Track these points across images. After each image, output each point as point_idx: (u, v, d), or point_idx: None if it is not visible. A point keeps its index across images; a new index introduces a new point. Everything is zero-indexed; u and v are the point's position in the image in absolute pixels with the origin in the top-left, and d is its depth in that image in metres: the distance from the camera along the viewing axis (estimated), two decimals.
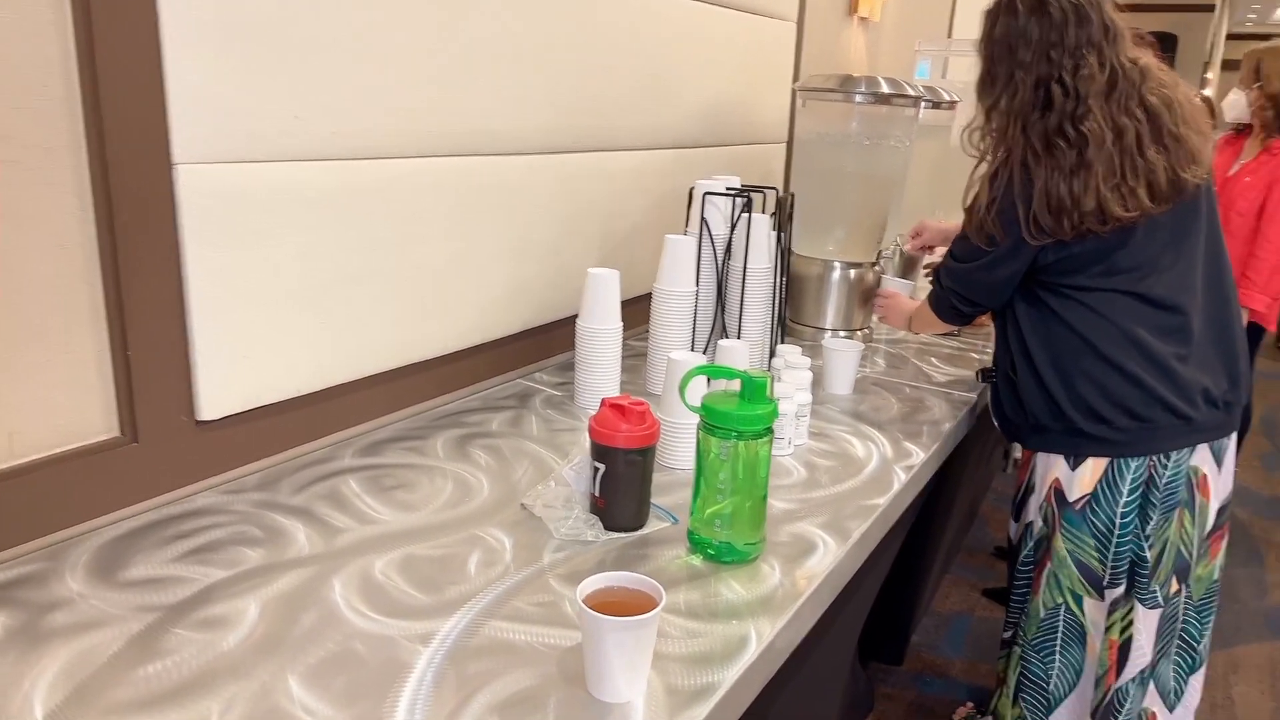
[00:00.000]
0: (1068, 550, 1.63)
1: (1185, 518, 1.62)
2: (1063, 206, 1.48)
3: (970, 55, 1.70)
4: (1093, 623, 1.65)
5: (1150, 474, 1.58)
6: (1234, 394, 1.62)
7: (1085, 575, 1.63)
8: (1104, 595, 1.63)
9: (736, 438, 1.11)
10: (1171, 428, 1.56)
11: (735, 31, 2.29)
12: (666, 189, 2.10)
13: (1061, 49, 1.50)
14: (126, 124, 1.08)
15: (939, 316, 1.80)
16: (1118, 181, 1.48)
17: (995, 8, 1.59)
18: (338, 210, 1.36)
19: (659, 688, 0.90)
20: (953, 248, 1.70)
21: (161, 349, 1.17)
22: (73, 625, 0.94)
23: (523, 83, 1.64)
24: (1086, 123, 1.48)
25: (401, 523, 1.20)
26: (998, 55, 1.57)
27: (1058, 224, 1.49)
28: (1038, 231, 1.51)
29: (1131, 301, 1.54)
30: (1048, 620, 1.69)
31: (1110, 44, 1.52)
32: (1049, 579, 1.67)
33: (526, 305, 1.78)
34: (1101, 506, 1.59)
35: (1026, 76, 1.53)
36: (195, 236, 1.17)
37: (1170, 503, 1.59)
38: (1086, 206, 1.47)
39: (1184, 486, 1.60)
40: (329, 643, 0.94)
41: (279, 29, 1.22)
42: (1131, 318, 1.54)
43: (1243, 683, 2.55)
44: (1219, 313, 1.62)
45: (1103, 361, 1.55)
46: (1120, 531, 1.59)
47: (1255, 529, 3.50)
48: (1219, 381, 1.59)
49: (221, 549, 1.11)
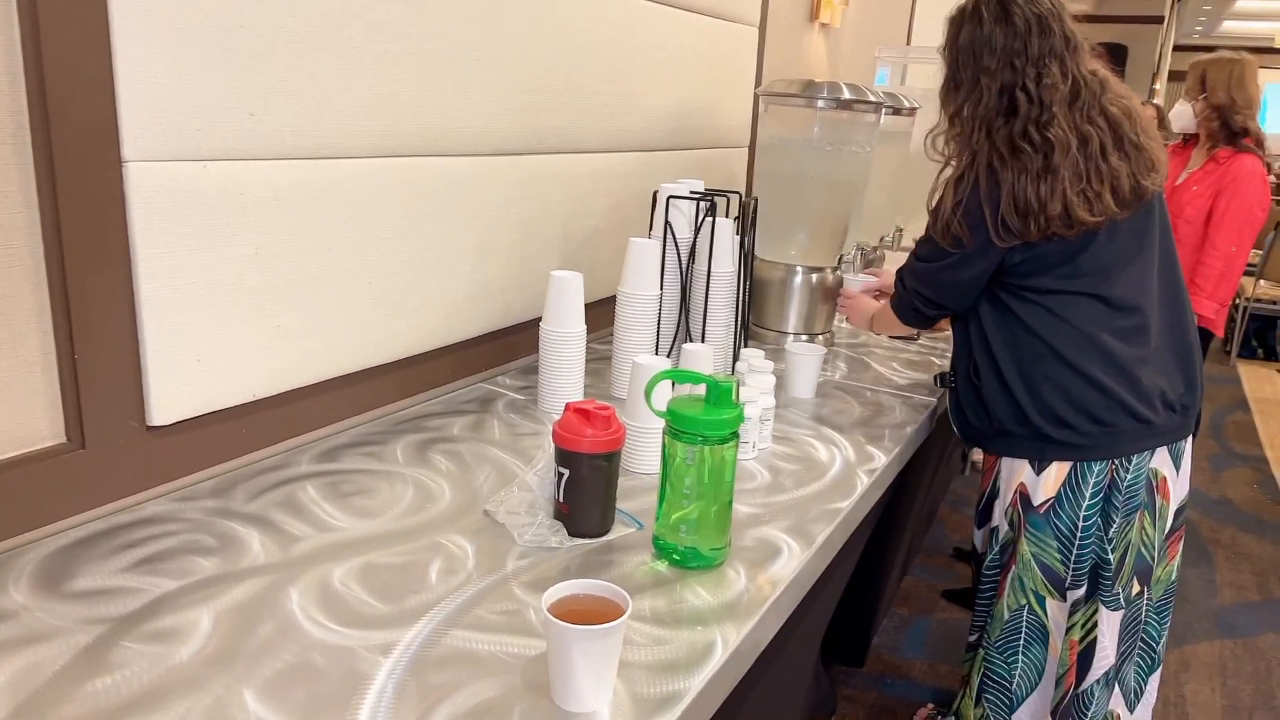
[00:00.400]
0: (1032, 553, 1.65)
1: (1146, 520, 1.65)
2: (1030, 209, 1.50)
3: (930, 62, 1.72)
4: (1055, 623, 1.67)
5: (1112, 477, 1.60)
6: (1190, 397, 1.65)
7: (1048, 577, 1.65)
8: (1065, 596, 1.64)
9: (702, 442, 1.10)
10: (1132, 431, 1.58)
11: (698, 35, 2.28)
12: (630, 192, 2.09)
13: (1025, 58, 1.52)
14: (74, 120, 1.05)
15: (901, 319, 1.80)
16: (1083, 186, 1.50)
17: (960, 15, 1.61)
18: (294, 210, 1.33)
19: (625, 696, 0.89)
20: (917, 249, 1.70)
21: (110, 352, 1.14)
22: (16, 639, 0.91)
23: (484, 82, 1.62)
24: (1052, 129, 1.50)
25: (360, 530, 1.18)
26: (962, 61, 1.59)
27: (1025, 226, 1.51)
28: (1005, 233, 1.52)
29: (1094, 304, 1.56)
30: (1011, 621, 1.70)
31: (1071, 55, 1.54)
32: (1013, 581, 1.69)
33: (489, 308, 1.76)
34: (1065, 509, 1.61)
35: (991, 83, 1.54)
36: (146, 236, 1.13)
37: (1131, 505, 1.62)
38: (1053, 210, 1.49)
39: (1144, 489, 1.63)
40: (286, 654, 0.91)
41: (233, 24, 1.19)
42: (1093, 322, 1.56)
43: (1194, 680, 2.60)
44: (1175, 316, 1.65)
45: (1066, 366, 1.56)
46: (1083, 534, 1.61)
47: (1204, 529, 3.57)
48: (1175, 385, 1.62)
49: (173, 558, 1.08)
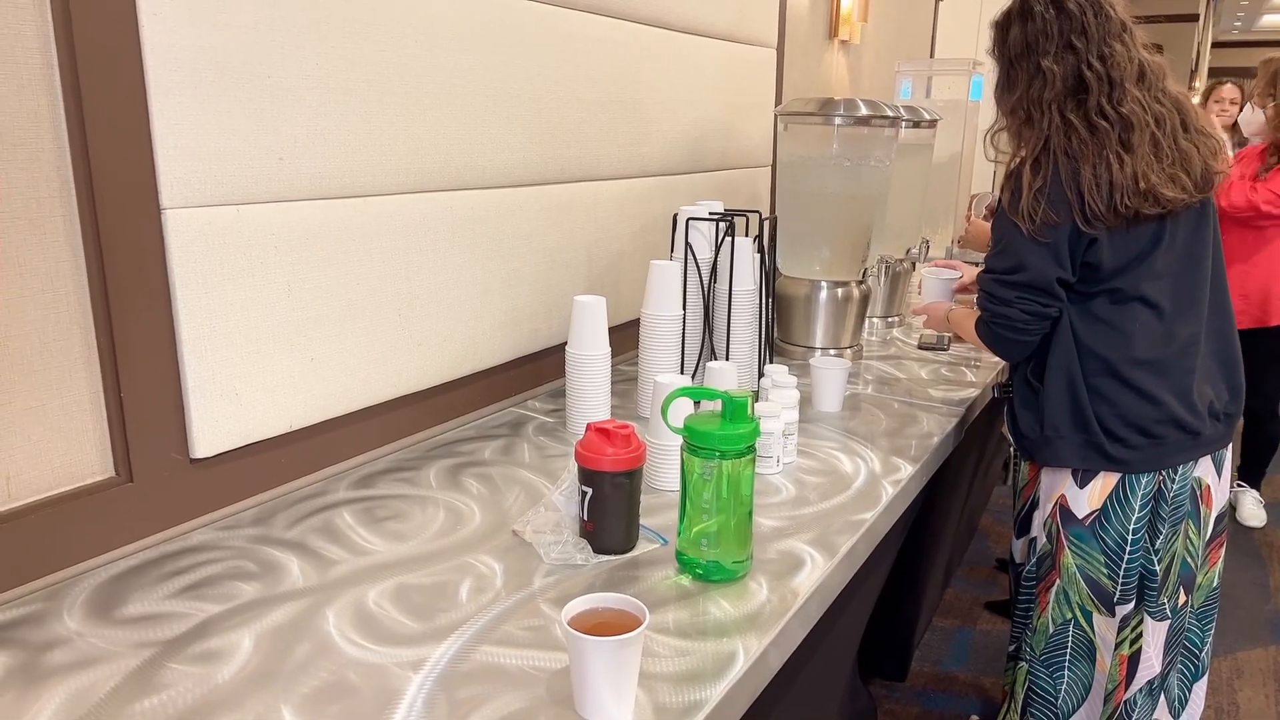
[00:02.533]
0: (1077, 566, 1.63)
1: (1190, 529, 1.63)
2: (1114, 187, 1.46)
3: (953, 74, 1.74)
4: (1102, 639, 1.65)
5: (1159, 489, 1.58)
6: (1234, 405, 1.63)
7: (1095, 592, 1.62)
8: (1114, 611, 1.62)
9: (720, 457, 1.13)
10: (1180, 443, 1.57)
11: (716, 59, 2.33)
12: (653, 215, 2.14)
13: (1085, 38, 1.52)
14: (115, 172, 1.11)
15: (999, 350, 1.65)
16: (1164, 165, 1.48)
17: (1007, 17, 1.61)
18: (324, 248, 1.38)
19: (647, 706, 0.92)
20: (990, 264, 1.61)
21: (154, 390, 1.20)
22: (70, 664, 0.96)
23: (504, 117, 1.68)
24: (1125, 105, 1.49)
25: (394, 553, 1.22)
26: (1016, 56, 1.58)
27: (1109, 209, 1.47)
28: (1091, 217, 1.48)
29: (1154, 316, 1.53)
30: (1056, 636, 1.68)
31: (1129, 37, 1.54)
32: (1057, 595, 1.66)
33: (517, 334, 1.81)
34: (1111, 523, 1.59)
35: (1055, 66, 1.52)
36: (185, 278, 1.20)
37: (1178, 515, 1.60)
38: (1139, 187, 1.46)
39: (1189, 499, 1.61)
40: (322, 672, 0.96)
41: (261, 75, 1.25)
42: (1152, 334, 1.53)
43: (1247, 688, 2.54)
44: (1220, 323, 1.63)
45: (1120, 382, 1.54)
46: (1131, 547, 1.59)
47: (1257, 535, 3.49)
48: (1221, 394, 1.61)
49: (217, 584, 1.13)
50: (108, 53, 1.08)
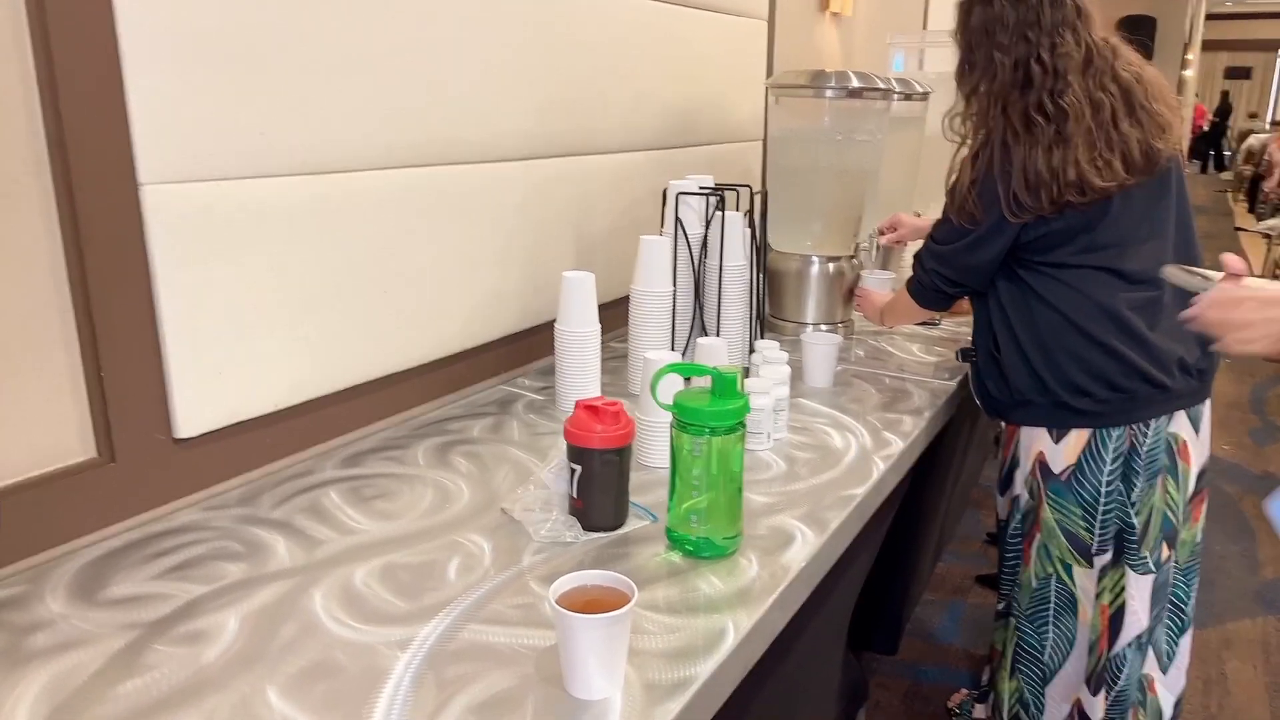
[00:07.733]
0: (1055, 520, 1.67)
1: (1169, 483, 1.66)
2: (1041, 181, 1.52)
3: (946, 46, 1.73)
4: (1083, 590, 1.69)
5: (1131, 442, 1.61)
6: (1206, 360, 1.66)
7: (1073, 544, 1.67)
8: (1092, 563, 1.66)
9: (709, 433, 1.12)
10: (1150, 397, 1.60)
11: (706, 32, 2.30)
12: (645, 190, 2.11)
13: (1038, 29, 1.55)
14: (90, 148, 1.09)
15: (920, 302, 1.81)
16: (1095, 154, 1.52)
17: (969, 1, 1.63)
18: (309, 224, 1.36)
19: (636, 683, 0.91)
20: (934, 231, 1.72)
21: (135, 369, 1.18)
22: (54, 646, 0.95)
23: (493, 89, 1.65)
24: (1065, 97, 1.53)
25: (382, 532, 1.21)
26: (975, 42, 1.62)
27: (1036, 200, 1.53)
28: (1017, 208, 1.54)
29: (1108, 277, 1.58)
30: (1039, 590, 1.73)
31: (1083, 23, 1.58)
32: (1039, 550, 1.72)
33: (506, 311, 1.79)
34: (1086, 476, 1.63)
35: (1005, 58, 1.57)
36: (164, 256, 1.18)
37: (1152, 469, 1.63)
38: (1067, 178, 1.51)
39: (1164, 453, 1.64)
40: (309, 652, 0.95)
41: (240, 46, 1.23)
42: (1108, 293, 1.58)
43: (1235, 659, 2.56)
44: None
45: (1083, 337, 1.58)
46: (1105, 499, 1.63)
47: (1246, 505, 3.51)
48: (1191, 350, 1.63)
49: (202, 565, 1.12)
50: (81, 23, 1.06)
